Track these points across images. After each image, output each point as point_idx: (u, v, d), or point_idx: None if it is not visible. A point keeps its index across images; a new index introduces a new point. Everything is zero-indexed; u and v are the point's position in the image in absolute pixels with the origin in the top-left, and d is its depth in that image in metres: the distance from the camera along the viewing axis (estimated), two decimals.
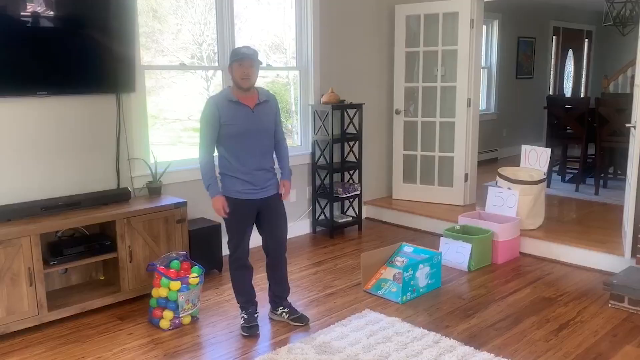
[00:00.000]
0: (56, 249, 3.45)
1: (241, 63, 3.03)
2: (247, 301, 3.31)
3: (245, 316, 3.28)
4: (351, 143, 5.31)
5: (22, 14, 3.37)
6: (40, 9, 3.44)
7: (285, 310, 3.40)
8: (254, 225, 3.27)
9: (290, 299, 3.48)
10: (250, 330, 3.23)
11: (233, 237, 3.21)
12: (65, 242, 3.55)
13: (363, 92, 5.52)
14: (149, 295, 3.45)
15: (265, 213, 3.23)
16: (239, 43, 4.57)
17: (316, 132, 5.13)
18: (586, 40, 10.60)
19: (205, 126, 3.09)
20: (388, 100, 5.81)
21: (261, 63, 3.14)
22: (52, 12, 3.49)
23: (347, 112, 5.21)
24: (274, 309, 3.43)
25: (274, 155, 3.30)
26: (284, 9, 5.11)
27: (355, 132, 5.23)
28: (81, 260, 3.47)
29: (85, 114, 3.77)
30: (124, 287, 3.61)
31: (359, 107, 5.19)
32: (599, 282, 3.90)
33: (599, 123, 5.99)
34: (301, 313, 3.41)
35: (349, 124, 5.23)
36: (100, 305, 3.53)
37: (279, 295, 3.41)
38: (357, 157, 5.27)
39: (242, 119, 3.08)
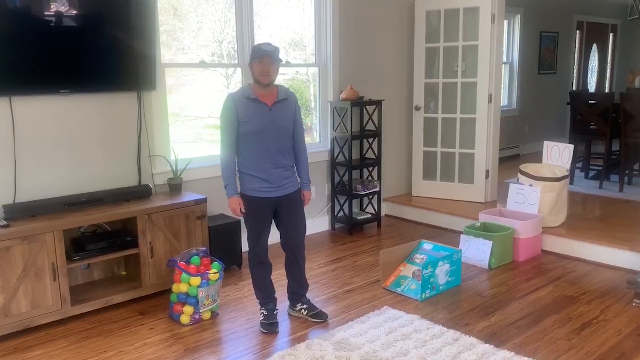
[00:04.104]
0: (79, 245, 3.50)
1: (261, 60, 3.02)
2: (266, 297, 3.33)
3: (265, 312, 3.30)
4: (370, 140, 5.29)
5: (45, 13, 3.42)
6: (63, 8, 3.48)
7: (304, 306, 3.41)
8: (273, 222, 3.28)
9: (309, 295, 3.49)
10: (269, 327, 3.24)
11: (250, 235, 3.23)
12: (88, 237, 3.61)
13: (382, 88, 5.50)
14: (169, 291, 3.49)
15: (283, 211, 3.22)
16: (258, 40, 4.58)
17: (335, 128, 5.12)
18: (611, 34, 10.40)
19: (225, 124, 3.10)
20: (408, 96, 5.77)
21: (282, 61, 3.14)
22: (74, 12, 3.53)
23: (366, 108, 5.20)
24: (292, 305, 3.45)
25: (293, 157, 3.26)
26: (303, 6, 5.11)
27: (374, 128, 5.21)
28: (103, 255, 3.52)
29: (106, 111, 3.82)
30: (145, 283, 3.65)
31: (378, 103, 5.17)
32: (623, 281, 3.84)
33: (624, 119, 5.88)
34: (320, 309, 3.41)
35: (368, 120, 5.22)
36: (121, 300, 3.58)
37: (297, 292, 3.42)
38: (377, 153, 5.25)
39: (258, 117, 3.07)
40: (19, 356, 3.02)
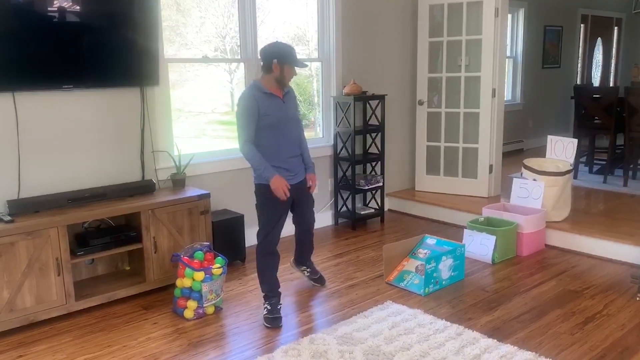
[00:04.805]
0: (83, 240, 3.52)
1: (295, 68, 3.23)
2: (271, 290, 3.35)
3: (269, 307, 3.31)
4: (373, 134, 5.28)
5: (48, 9, 3.42)
6: (66, 3, 3.49)
7: (308, 270, 3.79)
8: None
9: (311, 291, 3.55)
10: (273, 322, 3.25)
11: (267, 224, 3.30)
12: (92, 233, 3.62)
13: (385, 83, 5.49)
14: (173, 286, 3.50)
15: (299, 197, 3.41)
16: (261, 35, 4.58)
17: (338, 123, 5.12)
18: (616, 28, 10.35)
19: (246, 119, 3.18)
20: (411, 91, 5.76)
21: None
22: (77, 7, 3.53)
23: (369, 103, 5.18)
24: (297, 265, 3.82)
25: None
26: (306, 1, 5.09)
27: (377, 123, 5.20)
28: (107, 250, 3.54)
29: (110, 107, 3.82)
30: (148, 278, 3.66)
31: (381, 98, 5.16)
32: (627, 275, 3.83)
33: (628, 113, 5.86)
34: (320, 274, 3.81)
35: (371, 115, 5.20)
36: (125, 295, 3.60)
37: (306, 256, 3.76)
38: (380, 148, 5.25)
39: (276, 110, 3.23)
40: (24, 351, 3.03)
